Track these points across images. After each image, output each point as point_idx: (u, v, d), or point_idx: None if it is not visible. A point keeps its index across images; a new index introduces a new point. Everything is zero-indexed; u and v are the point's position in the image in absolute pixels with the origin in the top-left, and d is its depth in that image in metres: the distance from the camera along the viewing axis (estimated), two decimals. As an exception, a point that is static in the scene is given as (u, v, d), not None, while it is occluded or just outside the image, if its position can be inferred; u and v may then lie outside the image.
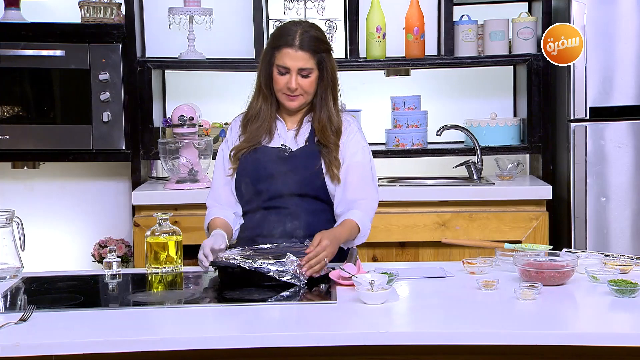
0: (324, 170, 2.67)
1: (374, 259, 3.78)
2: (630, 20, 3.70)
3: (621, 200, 3.75)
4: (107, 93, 3.92)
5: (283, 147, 2.70)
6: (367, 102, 4.29)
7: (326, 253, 2.43)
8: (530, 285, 2.25)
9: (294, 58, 2.62)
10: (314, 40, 2.65)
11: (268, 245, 2.56)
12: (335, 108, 2.72)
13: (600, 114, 3.75)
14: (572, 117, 3.76)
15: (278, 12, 4.18)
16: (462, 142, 4.22)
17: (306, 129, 2.73)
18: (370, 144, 4.20)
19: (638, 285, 2.21)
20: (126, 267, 3.64)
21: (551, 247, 2.59)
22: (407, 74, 4.19)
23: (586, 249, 3.61)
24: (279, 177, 2.67)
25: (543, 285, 2.28)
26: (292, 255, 2.40)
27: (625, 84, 3.72)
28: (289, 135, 2.73)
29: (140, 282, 2.55)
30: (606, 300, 2.21)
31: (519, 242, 3.55)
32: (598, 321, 2.11)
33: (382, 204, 3.77)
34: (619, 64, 3.71)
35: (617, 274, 2.38)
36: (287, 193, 2.66)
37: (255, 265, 2.38)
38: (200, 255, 2.46)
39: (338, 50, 4.21)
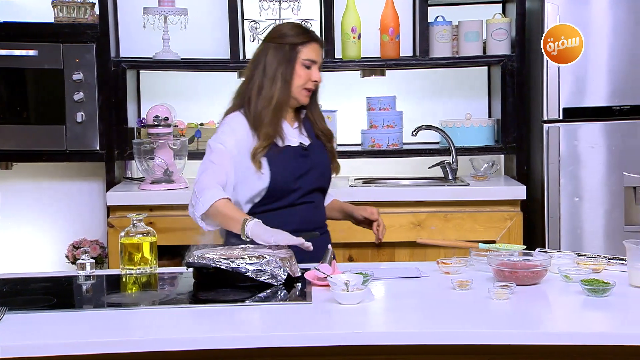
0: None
1: (350, 259, 3.79)
2: (602, 22, 3.73)
3: (594, 201, 3.78)
4: (81, 93, 3.89)
5: (301, 145, 2.80)
6: (342, 103, 4.30)
7: None
8: (504, 285, 2.26)
9: (319, 52, 2.77)
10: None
11: (243, 246, 2.55)
12: None
13: (573, 114, 3.78)
14: (545, 118, 3.79)
15: (253, 13, 4.17)
16: (438, 143, 4.24)
17: (305, 125, 2.84)
18: (346, 144, 4.29)
19: (610, 284, 2.23)
20: (101, 268, 3.61)
21: (525, 247, 2.60)
22: (383, 74, 4.20)
23: (560, 249, 3.64)
24: (306, 174, 2.78)
25: (517, 285, 2.29)
26: (269, 256, 2.40)
27: (597, 85, 3.76)
28: (294, 133, 2.81)
29: (115, 283, 2.54)
30: (579, 300, 2.24)
31: (494, 242, 3.58)
32: (571, 320, 2.13)
33: (358, 205, 3.80)
34: (591, 65, 3.75)
35: (589, 273, 2.40)
36: (312, 188, 2.81)
37: (232, 265, 2.38)
38: (299, 241, 2.49)
39: (314, 50, 4.21)
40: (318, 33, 4.15)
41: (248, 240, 2.54)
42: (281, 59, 2.73)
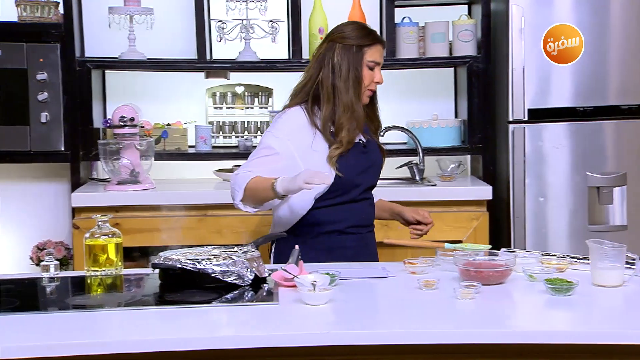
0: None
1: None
2: (566, 22, 3.77)
3: (559, 200, 3.82)
4: (45, 93, 3.86)
5: (361, 141, 2.83)
6: (310, 103, 4.30)
7: None
8: (470, 285, 2.28)
9: (382, 53, 2.82)
10: None
11: (209, 247, 2.54)
12: None
13: (538, 115, 3.82)
14: (511, 119, 3.82)
15: (220, 13, 4.16)
16: (405, 143, 4.26)
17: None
18: (313, 145, 4.29)
19: (573, 283, 2.26)
20: (66, 270, 3.58)
21: (490, 246, 2.62)
22: (350, 75, 4.20)
23: (525, 248, 3.68)
24: (366, 170, 2.84)
25: (482, 285, 2.31)
26: (238, 258, 2.40)
27: (561, 85, 3.80)
28: None
29: (80, 285, 2.51)
30: (543, 299, 2.26)
31: (460, 241, 3.60)
32: (534, 319, 2.15)
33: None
34: (555, 66, 3.79)
35: (553, 272, 2.42)
36: (370, 185, 2.88)
37: (199, 266, 2.37)
38: (316, 174, 2.52)
39: (281, 51, 4.22)
40: (285, 34, 4.17)
41: (285, 196, 2.64)
42: (350, 60, 2.75)
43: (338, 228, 2.81)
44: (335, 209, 2.80)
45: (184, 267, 2.37)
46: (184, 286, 2.38)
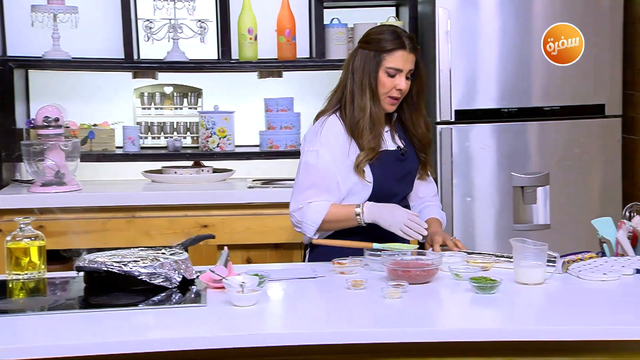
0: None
1: (249, 261, 3.78)
2: (491, 26, 3.85)
3: (485, 200, 3.89)
4: (-34, 93, 3.75)
5: (399, 149, 2.79)
6: (240, 104, 4.29)
7: None
8: (397, 284, 2.30)
9: (407, 60, 2.70)
10: (415, 41, 2.76)
11: (136, 249, 2.51)
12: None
13: (465, 116, 3.88)
14: (438, 120, 3.87)
15: (147, 12, 4.11)
16: (334, 144, 4.27)
17: (396, 130, 2.83)
18: (244, 146, 4.28)
19: (497, 282, 2.30)
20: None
21: (417, 246, 2.65)
22: (280, 75, 4.21)
23: (453, 248, 3.73)
24: (404, 178, 2.81)
25: (409, 284, 2.33)
26: (166, 259, 2.37)
27: (487, 87, 3.87)
28: (387, 137, 2.80)
29: (1, 289, 2.44)
30: (468, 297, 2.29)
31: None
32: (460, 318, 2.18)
33: (256, 206, 3.80)
34: (481, 68, 3.85)
35: (478, 271, 2.47)
36: (408, 193, 2.86)
37: (125, 268, 2.34)
38: (415, 225, 2.56)
39: (210, 51, 4.19)
40: (214, 34, 4.14)
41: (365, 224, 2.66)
42: (366, 66, 2.71)
43: (376, 236, 2.69)
44: None
45: (110, 269, 2.34)
46: (110, 289, 2.35)
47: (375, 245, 2.62)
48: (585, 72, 3.88)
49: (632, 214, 2.68)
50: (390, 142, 2.80)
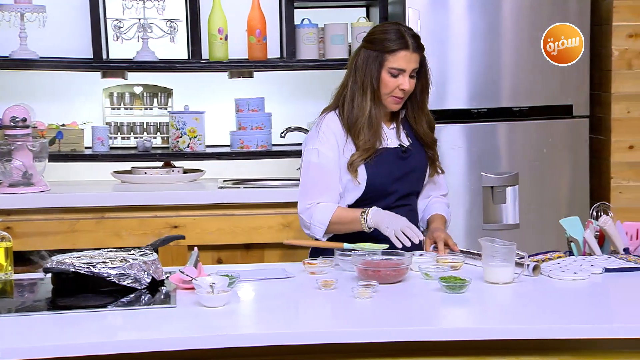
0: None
1: (219, 262, 3.77)
2: (461, 26, 3.87)
3: (456, 200, 3.89)
4: None
5: (401, 147, 2.77)
6: (211, 104, 4.27)
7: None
8: (367, 284, 2.31)
9: (410, 60, 2.69)
10: (419, 40, 2.75)
11: (105, 250, 2.49)
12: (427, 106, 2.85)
13: (435, 116, 3.88)
14: (409, 120, 3.88)
15: (116, 11, 4.08)
16: (305, 144, 4.27)
17: (404, 127, 2.82)
18: (214, 146, 4.26)
19: (467, 281, 2.31)
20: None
21: (387, 246, 2.65)
22: (251, 76, 4.20)
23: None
24: (404, 176, 2.77)
25: (380, 284, 2.34)
26: (135, 260, 2.36)
27: (457, 88, 3.89)
28: (392, 134, 2.78)
29: (-33, 292, 2.42)
30: (438, 297, 2.30)
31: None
32: (430, 317, 2.19)
33: (227, 206, 3.79)
34: (451, 68, 3.87)
35: (447, 271, 2.48)
36: (409, 192, 2.81)
37: (93, 269, 2.32)
38: (410, 232, 2.55)
39: (180, 51, 4.17)
40: (183, 34, 4.12)
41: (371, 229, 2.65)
42: (368, 65, 2.70)
43: (372, 235, 2.70)
44: None
45: (78, 270, 2.32)
46: (79, 291, 2.33)
47: (346, 245, 2.62)
48: (553, 73, 3.91)
49: (599, 214, 2.71)
50: (393, 139, 2.80)
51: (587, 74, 3.96)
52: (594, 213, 2.73)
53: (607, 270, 2.51)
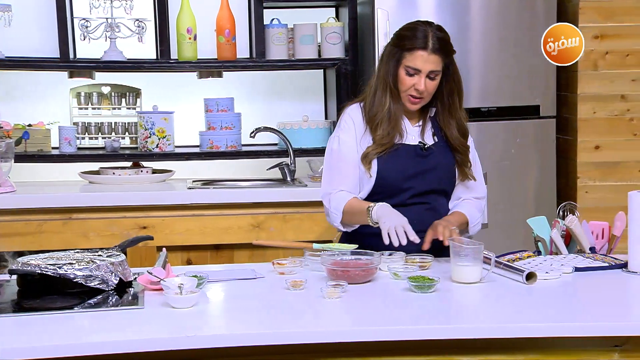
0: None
1: (189, 262, 3.75)
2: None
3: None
4: None
5: (421, 144, 2.74)
6: (180, 104, 4.25)
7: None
8: (336, 284, 2.31)
9: (427, 61, 2.65)
10: (445, 43, 2.69)
11: (72, 251, 2.47)
12: (462, 111, 2.79)
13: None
14: (378, 120, 3.89)
15: (84, 11, 4.04)
16: (276, 144, 4.27)
17: (430, 125, 2.78)
18: (184, 146, 4.24)
19: (435, 281, 2.32)
20: None
21: (357, 246, 2.65)
22: (220, 76, 4.19)
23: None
24: (422, 174, 2.73)
25: (349, 284, 2.34)
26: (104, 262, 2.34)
27: (426, 88, 3.90)
28: (415, 131, 2.76)
29: None
30: (406, 296, 2.31)
31: (331, 241, 3.64)
32: (398, 317, 2.19)
33: (196, 207, 3.77)
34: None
35: (416, 270, 2.49)
36: (429, 190, 2.75)
37: (60, 271, 2.29)
38: (401, 232, 2.51)
39: (148, 51, 4.14)
40: (152, 33, 4.10)
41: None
42: (389, 61, 2.70)
43: (378, 230, 2.63)
44: None
45: (44, 272, 2.29)
46: (45, 292, 2.30)
47: (315, 245, 2.62)
48: (520, 73, 3.95)
49: (565, 213, 2.73)
50: (415, 136, 2.77)
51: (554, 75, 4.00)
52: (561, 212, 2.75)
53: (577, 269, 2.53)
